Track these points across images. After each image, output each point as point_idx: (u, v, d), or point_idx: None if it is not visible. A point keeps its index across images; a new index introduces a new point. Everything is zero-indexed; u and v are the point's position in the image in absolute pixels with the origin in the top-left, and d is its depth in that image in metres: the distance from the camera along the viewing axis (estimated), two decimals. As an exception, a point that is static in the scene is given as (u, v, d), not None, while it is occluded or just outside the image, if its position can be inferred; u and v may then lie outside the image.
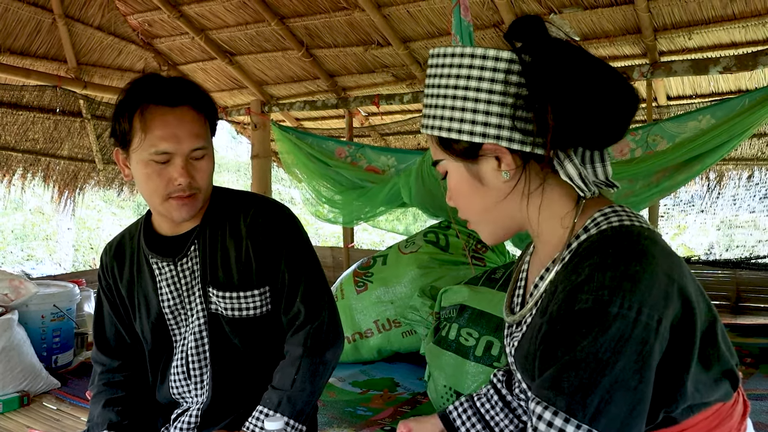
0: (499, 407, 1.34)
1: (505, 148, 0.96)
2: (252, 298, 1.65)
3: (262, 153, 4.73)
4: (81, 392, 2.88)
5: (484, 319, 2.54)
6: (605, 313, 0.84)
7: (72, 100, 4.82)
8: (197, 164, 1.57)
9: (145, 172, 1.53)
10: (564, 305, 0.88)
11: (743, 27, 3.45)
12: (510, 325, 1.15)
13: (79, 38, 4.69)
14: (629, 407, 0.83)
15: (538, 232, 1.04)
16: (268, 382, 1.64)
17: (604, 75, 0.91)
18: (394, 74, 4.56)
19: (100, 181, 5.34)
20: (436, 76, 1.02)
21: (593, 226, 0.96)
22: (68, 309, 3.28)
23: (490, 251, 3.45)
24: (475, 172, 1.01)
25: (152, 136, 1.49)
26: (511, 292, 1.19)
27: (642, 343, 0.84)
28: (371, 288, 3.29)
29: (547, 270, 1.02)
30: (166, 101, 1.52)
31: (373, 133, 5.31)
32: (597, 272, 0.86)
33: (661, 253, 0.89)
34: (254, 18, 4.49)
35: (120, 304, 1.75)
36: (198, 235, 1.67)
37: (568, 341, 0.86)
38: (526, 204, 1.02)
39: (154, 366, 1.75)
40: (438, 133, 1.01)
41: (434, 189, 3.43)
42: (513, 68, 0.94)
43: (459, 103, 0.97)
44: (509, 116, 0.95)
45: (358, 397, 2.80)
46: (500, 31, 3.89)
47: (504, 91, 0.95)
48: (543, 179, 1.00)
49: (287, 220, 1.72)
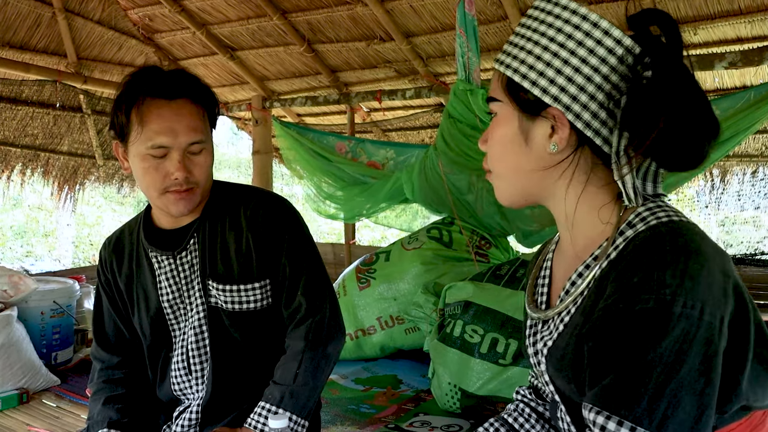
0: (534, 419, 1.27)
1: (568, 121, 0.92)
2: (252, 291, 1.64)
3: (263, 149, 4.71)
4: (81, 389, 2.86)
5: (489, 315, 2.52)
6: (669, 313, 0.80)
7: (72, 95, 4.80)
8: (195, 158, 1.55)
9: (142, 166, 1.52)
10: (621, 306, 0.83)
11: (749, 22, 3.42)
12: (535, 323, 1.10)
13: (79, 33, 4.66)
14: (697, 412, 0.79)
15: (572, 221, 1.00)
16: (268, 376, 1.63)
17: (704, 102, 0.87)
18: (396, 70, 4.54)
19: (101, 177, 5.32)
20: (536, 20, 0.96)
21: (639, 221, 0.91)
22: (68, 305, 3.26)
23: (494, 247, 3.43)
24: (526, 128, 0.97)
25: (149, 130, 1.48)
26: (532, 287, 1.14)
27: (707, 344, 0.80)
28: (374, 284, 3.27)
29: (587, 266, 0.97)
30: (163, 94, 1.51)
31: (375, 129, 5.28)
32: (656, 271, 0.82)
33: (713, 250, 0.85)
34: (256, 12, 4.46)
35: (119, 299, 1.74)
36: (197, 228, 1.66)
37: (629, 344, 0.82)
38: (566, 186, 0.98)
39: (153, 362, 1.73)
40: (511, 75, 0.96)
41: (437, 185, 3.41)
42: (627, 59, 0.90)
43: (547, 56, 0.93)
44: (589, 94, 0.91)
45: (361, 395, 2.78)
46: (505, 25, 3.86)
47: (606, 74, 0.91)
48: (590, 168, 0.96)
49: (288, 212, 1.70)
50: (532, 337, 1.09)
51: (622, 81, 0.90)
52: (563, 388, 1.00)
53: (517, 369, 2.40)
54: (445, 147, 3.18)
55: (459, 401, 2.49)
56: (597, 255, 0.96)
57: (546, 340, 1.03)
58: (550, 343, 1.01)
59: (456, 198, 3.37)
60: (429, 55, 4.33)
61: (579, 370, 0.93)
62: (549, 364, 1.01)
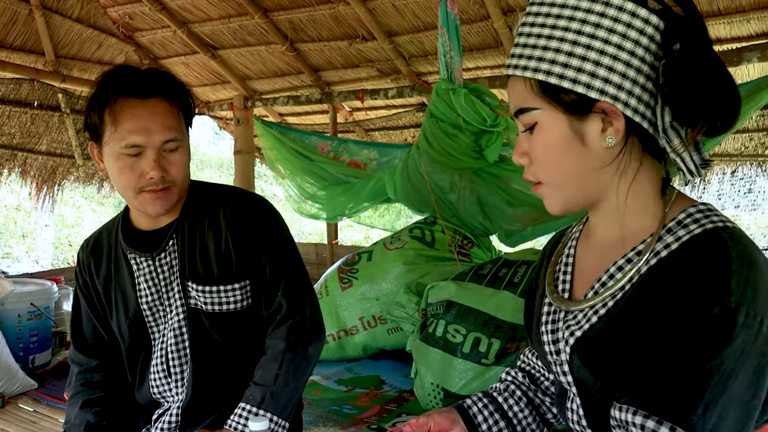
0: (524, 403, 1.25)
1: (620, 111, 0.89)
2: (232, 292, 1.62)
3: (245, 149, 4.68)
4: (59, 393, 2.82)
5: (471, 315, 2.52)
6: (732, 322, 0.78)
7: (50, 94, 4.74)
8: (170, 157, 1.54)
9: (117, 166, 1.50)
10: (683, 310, 0.81)
11: (728, 23, 3.45)
12: (554, 310, 1.06)
13: (57, 30, 4.59)
14: (741, 424, 0.79)
15: (621, 213, 0.96)
16: (248, 378, 1.61)
17: (723, 65, 0.87)
18: (378, 69, 4.52)
19: (80, 177, 5.25)
20: (549, 15, 0.92)
21: (691, 222, 0.89)
22: (46, 307, 3.21)
23: (476, 247, 3.43)
24: (578, 129, 0.92)
25: (122, 129, 1.47)
26: (552, 275, 1.11)
27: (761, 356, 0.79)
28: (356, 285, 3.26)
29: (629, 260, 0.94)
30: (136, 93, 1.49)
31: (358, 129, 5.27)
32: (720, 278, 0.80)
33: (763, 258, 0.84)
34: (237, 11, 4.43)
35: (97, 301, 1.72)
36: (176, 229, 1.64)
37: (690, 351, 0.80)
38: (619, 179, 0.94)
39: (132, 365, 1.71)
40: (545, 78, 0.91)
41: (420, 184, 3.40)
42: (656, 37, 0.88)
43: (579, 50, 0.89)
44: (631, 79, 0.88)
45: (343, 396, 2.77)
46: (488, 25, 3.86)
47: (643, 57, 0.88)
48: (641, 156, 0.93)
49: (268, 212, 1.69)
50: (550, 324, 1.06)
51: (657, 60, 0.88)
52: (586, 380, 0.98)
53: (500, 369, 2.39)
54: (427, 146, 3.17)
55: (442, 401, 2.48)
56: (640, 250, 0.93)
57: (573, 330, 0.99)
58: (578, 333, 0.98)
59: (438, 197, 3.36)
60: (411, 55, 4.33)
61: (610, 365, 0.91)
62: (575, 354, 0.98)
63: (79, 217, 11.43)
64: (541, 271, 1.19)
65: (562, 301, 1.04)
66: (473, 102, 2.97)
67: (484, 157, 3.13)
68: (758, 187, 3.95)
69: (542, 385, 1.27)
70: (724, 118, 0.86)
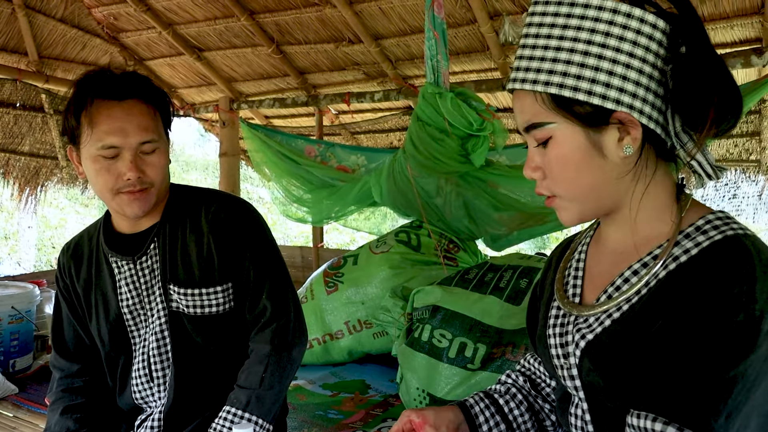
0: (524, 407, 1.24)
1: (636, 119, 0.88)
2: (215, 295, 1.63)
3: (231, 151, 4.66)
4: (40, 398, 2.78)
5: (457, 320, 2.51)
6: (757, 330, 0.78)
7: (33, 95, 4.68)
8: (148, 158, 1.55)
9: (94, 168, 1.51)
10: (706, 315, 0.81)
11: (712, 29, 3.47)
12: (563, 314, 1.06)
13: (41, 30, 4.54)
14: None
15: (634, 219, 0.96)
16: (231, 382, 1.62)
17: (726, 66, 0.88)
18: (365, 72, 4.52)
19: (64, 179, 5.19)
20: (555, 26, 0.90)
21: (711, 228, 0.89)
22: (27, 311, 3.17)
23: (462, 251, 3.43)
24: (596, 140, 0.91)
25: (98, 131, 1.48)
26: (561, 280, 1.10)
27: None
28: (342, 288, 3.24)
29: (644, 265, 0.93)
30: (112, 95, 1.50)
31: (344, 132, 5.26)
32: (745, 284, 0.79)
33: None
34: (223, 13, 4.41)
35: (77, 305, 1.72)
36: (157, 232, 1.65)
37: (714, 358, 0.79)
38: (634, 187, 0.94)
39: (111, 370, 1.71)
40: (558, 91, 0.89)
41: (406, 188, 3.40)
42: (664, 41, 0.87)
43: (592, 61, 0.87)
44: (645, 87, 0.87)
45: (328, 400, 2.76)
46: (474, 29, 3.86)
47: (654, 63, 0.87)
48: (655, 162, 0.93)
49: (250, 216, 1.70)
50: (559, 328, 1.06)
51: (664, 63, 0.88)
52: (595, 384, 0.97)
53: (486, 373, 2.39)
54: (413, 150, 3.17)
55: (427, 406, 2.48)
56: (656, 254, 0.93)
57: (585, 333, 0.98)
58: (590, 337, 0.97)
59: (424, 201, 3.36)
60: (398, 58, 4.32)
61: (623, 368, 0.90)
62: (586, 358, 0.97)
63: (62, 219, 11.34)
64: (548, 276, 1.19)
65: (573, 305, 1.03)
66: (460, 106, 2.97)
67: (470, 162, 3.13)
68: (742, 193, 3.98)
69: (543, 392, 1.26)
70: (729, 118, 0.86)
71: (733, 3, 3.25)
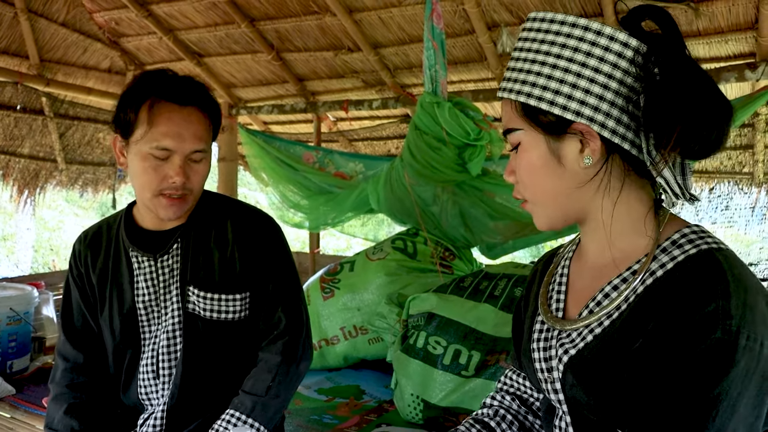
0: (516, 427, 1.24)
1: (596, 132, 0.91)
2: (233, 302, 1.67)
3: (229, 156, 4.69)
4: (37, 399, 2.80)
5: (452, 327, 2.54)
6: (735, 345, 0.79)
7: (34, 98, 4.70)
8: (194, 166, 1.59)
9: (142, 165, 1.55)
10: (684, 333, 0.82)
11: (707, 44, 3.51)
12: (546, 329, 1.07)
13: (43, 34, 4.57)
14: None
15: (609, 232, 0.98)
16: (234, 386, 1.66)
17: (713, 85, 0.87)
18: (363, 80, 4.55)
19: (62, 181, 5.22)
20: (535, 41, 0.95)
21: (686, 242, 0.90)
22: (25, 312, 3.19)
23: (458, 259, 3.46)
24: (555, 149, 0.95)
25: (156, 131, 1.51)
26: (545, 294, 1.12)
27: (764, 378, 0.80)
28: (338, 294, 3.27)
29: (624, 280, 0.95)
30: (175, 99, 1.54)
31: (342, 139, 5.29)
32: (720, 299, 0.81)
33: (757, 280, 0.85)
34: (224, 19, 4.44)
35: (90, 293, 1.75)
36: (182, 233, 1.69)
37: (696, 377, 0.80)
38: (602, 198, 0.96)
39: (118, 362, 1.74)
40: (525, 100, 0.94)
41: (403, 196, 3.42)
42: (637, 59, 0.89)
43: (558, 74, 0.91)
44: (609, 102, 0.89)
45: (324, 405, 2.78)
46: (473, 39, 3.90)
47: (621, 79, 0.89)
48: (623, 176, 0.95)
49: (275, 232, 1.77)
50: (543, 342, 1.07)
51: (637, 81, 0.90)
52: (579, 398, 0.98)
53: (480, 381, 2.42)
54: (411, 159, 3.20)
55: (421, 412, 2.50)
56: (635, 270, 0.94)
57: (567, 348, 1.00)
58: (573, 352, 0.99)
59: (421, 209, 3.39)
60: (396, 67, 4.36)
61: (605, 384, 0.92)
62: (569, 372, 0.99)
63: (60, 221, 11.34)
64: (532, 290, 1.20)
65: (556, 320, 1.05)
66: (457, 115, 3.00)
67: (467, 171, 3.16)
68: (735, 204, 4.02)
69: (533, 407, 1.27)
70: (705, 145, 0.87)
71: (727, 18, 3.29)
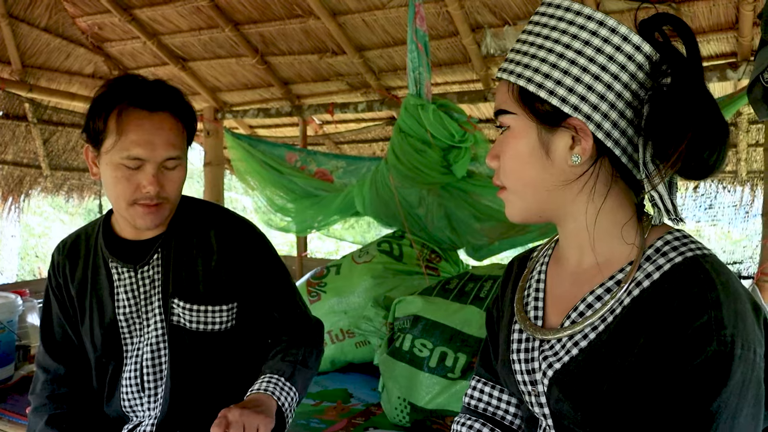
0: None
1: (590, 131, 0.88)
2: (219, 313, 1.63)
3: (215, 160, 4.67)
4: (21, 409, 2.77)
5: (438, 329, 2.54)
6: (731, 355, 0.77)
7: (17, 104, 4.67)
8: (169, 174, 1.54)
9: (114, 175, 1.49)
10: (678, 346, 0.80)
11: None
12: (526, 338, 1.03)
13: (25, 39, 4.54)
14: None
15: (591, 238, 0.95)
16: (225, 398, 1.61)
17: (717, 107, 0.85)
18: (348, 83, 4.55)
19: (47, 188, 5.18)
20: (546, 26, 0.91)
21: (671, 250, 0.88)
22: (9, 321, 3.15)
23: (444, 261, 3.46)
24: (545, 140, 0.92)
25: (126, 140, 1.46)
26: (521, 299, 1.08)
27: (759, 386, 0.79)
28: (324, 298, 3.26)
29: (608, 290, 0.92)
30: (144, 105, 1.48)
31: (328, 142, 5.29)
32: (712, 310, 0.79)
33: (742, 286, 0.84)
34: (208, 24, 4.43)
35: (69, 305, 1.70)
36: (162, 243, 1.64)
37: (694, 389, 0.78)
38: (586, 201, 0.93)
39: (100, 375, 1.70)
40: (525, 84, 0.91)
41: (388, 198, 3.42)
42: (646, 66, 0.87)
43: (563, 64, 0.88)
44: (609, 103, 0.87)
45: (311, 409, 2.77)
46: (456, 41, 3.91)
47: (626, 83, 0.87)
48: (611, 182, 0.92)
49: (259, 238, 1.74)
50: (524, 353, 1.03)
51: (642, 88, 0.88)
52: (565, 412, 0.95)
53: (466, 383, 2.42)
54: (395, 161, 3.20)
55: (408, 415, 2.50)
56: (619, 279, 0.92)
57: (551, 362, 0.97)
58: (558, 366, 0.95)
59: (407, 212, 3.39)
60: (381, 69, 4.36)
61: (594, 399, 0.89)
62: (555, 387, 0.95)
63: (47, 227, 11.25)
64: (506, 296, 1.16)
65: (536, 329, 1.01)
66: (441, 117, 3.00)
67: (452, 173, 3.17)
68: (718, 203, 4.05)
69: (513, 424, 1.20)
70: (704, 166, 0.85)
71: (708, 18, 3.31)
